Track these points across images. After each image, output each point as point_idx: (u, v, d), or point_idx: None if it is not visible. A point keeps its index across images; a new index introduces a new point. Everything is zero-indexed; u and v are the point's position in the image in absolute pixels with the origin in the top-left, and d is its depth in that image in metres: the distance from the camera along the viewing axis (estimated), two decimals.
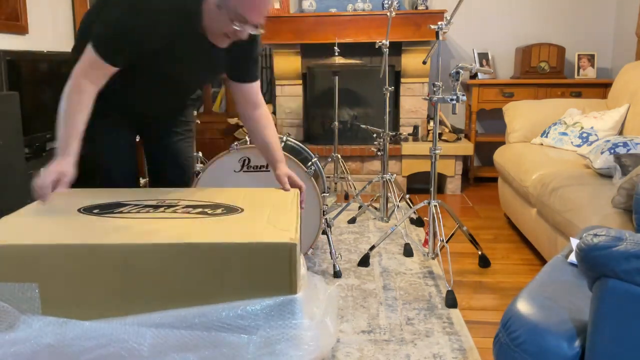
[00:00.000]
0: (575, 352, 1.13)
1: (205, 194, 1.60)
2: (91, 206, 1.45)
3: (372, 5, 4.17)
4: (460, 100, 2.26)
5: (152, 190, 1.68)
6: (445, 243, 2.49)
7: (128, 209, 1.42)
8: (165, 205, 1.47)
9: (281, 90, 4.26)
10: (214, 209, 1.44)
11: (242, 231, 1.30)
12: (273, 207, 1.48)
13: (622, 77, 3.30)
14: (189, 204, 1.49)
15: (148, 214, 1.40)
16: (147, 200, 1.51)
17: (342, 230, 3.24)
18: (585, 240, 1.07)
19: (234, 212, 1.43)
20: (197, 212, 1.42)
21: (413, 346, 1.92)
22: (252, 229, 1.31)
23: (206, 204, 1.49)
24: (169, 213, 1.41)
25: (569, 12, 4.38)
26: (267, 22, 4.44)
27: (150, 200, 1.52)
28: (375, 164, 4.14)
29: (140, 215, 1.39)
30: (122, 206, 1.46)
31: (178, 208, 1.45)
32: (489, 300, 2.32)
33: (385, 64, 3.21)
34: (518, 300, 1.32)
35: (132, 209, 1.43)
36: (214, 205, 1.48)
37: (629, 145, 2.46)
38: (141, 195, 1.59)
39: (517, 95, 4.15)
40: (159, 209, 1.44)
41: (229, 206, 1.48)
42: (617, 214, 1.98)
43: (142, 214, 1.39)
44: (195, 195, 1.59)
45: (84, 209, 1.42)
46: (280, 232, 1.27)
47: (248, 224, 1.34)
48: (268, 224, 1.34)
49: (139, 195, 1.58)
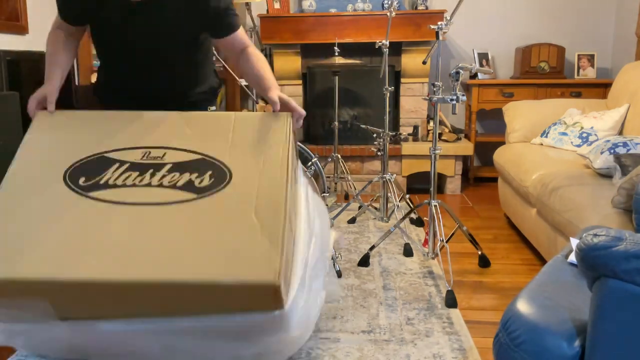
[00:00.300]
0: (575, 352, 1.13)
1: (194, 135, 1.48)
2: (77, 169, 1.40)
3: (372, 5, 4.17)
4: (460, 100, 2.27)
5: (137, 122, 1.54)
6: (445, 243, 2.49)
7: (114, 176, 1.37)
8: (151, 165, 1.40)
9: (281, 90, 4.25)
10: (201, 176, 1.37)
11: (225, 261, 1.24)
12: (264, 165, 1.40)
13: (622, 77, 3.30)
14: (175, 160, 1.41)
15: (134, 190, 1.35)
16: (133, 150, 1.43)
17: (342, 230, 3.23)
18: (585, 240, 1.07)
19: (221, 182, 1.35)
20: (183, 183, 1.35)
21: (413, 346, 1.92)
22: (237, 248, 1.26)
23: (193, 161, 1.40)
24: (155, 190, 1.35)
25: (569, 12, 4.38)
26: (267, 22, 4.43)
27: (136, 148, 1.44)
28: (375, 164, 4.14)
29: (125, 194, 1.34)
30: (107, 165, 1.40)
31: (164, 175, 1.37)
32: (488, 300, 2.32)
33: (385, 64, 3.21)
34: (518, 300, 1.32)
35: (118, 175, 1.38)
36: (201, 163, 1.39)
37: (629, 145, 2.46)
38: (126, 133, 1.48)
39: (517, 95, 4.15)
40: (144, 174, 1.37)
41: (218, 168, 1.38)
42: (617, 214, 1.98)
43: (127, 191, 1.35)
44: (183, 137, 1.47)
45: (70, 178, 1.38)
46: (266, 262, 1.22)
47: (233, 231, 1.29)
48: (257, 221, 1.29)
49: (124, 135, 1.48)
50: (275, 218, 1.29)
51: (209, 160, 1.39)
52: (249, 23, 3.55)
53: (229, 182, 1.35)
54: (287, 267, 1.28)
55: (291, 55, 4.18)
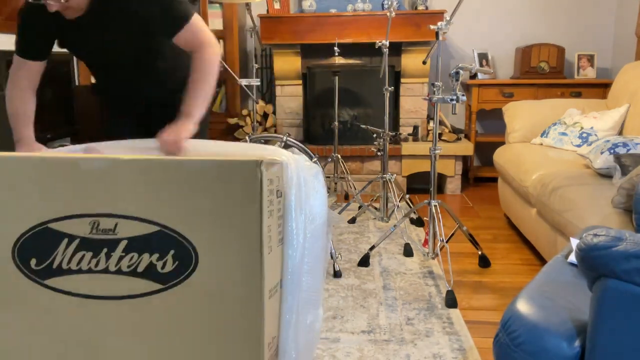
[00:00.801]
0: (575, 352, 1.13)
1: (147, 193, 1.14)
2: (25, 247, 1.18)
3: (372, 6, 4.17)
4: (460, 100, 2.27)
5: (79, 177, 1.16)
6: (445, 243, 2.49)
7: (66, 257, 1.16)
8: (104, 242, 1.15)
9: (281, 90, 4.27)
10: (163, 257, 1.13)
11: None
12: (234, 239, 1.13)
13: (622, 77, 3.30)
14: (130, 234, 1.14)
15: (91, 278, 1.16)
16: (79, 219, 1.16)
17: (342, 230, 3.24)
18: (585, 240, 1.07)
19: (187, 267, 1.13)
20: (144, 269, 1.13)
21: (413, 346, 1.92)
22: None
23: (152, 234, 1.13)
24: (113, 278, 1.15)
25: (569, 12, 4.38)
26: (267, 22, 4.43)
27: (82, 216, 1.16)
28: (375, 164, 4.14)
29: (83, 284, 1.16)
30: (55, 240, 1.16)
31: (121, 255, 1.14)
32: (489, 300, 2.32)
33: (385, 64, 3.21)
34: (518, 300, 1.32)
35: (70, 255, 1.16)
36: (161, 238, 1.13)
37: (629, 145, 2.46)
38: (69, 192, 1.16)
39: (517, 95, 4.15)
40: (98, 254, 1.15)
41: (181, 245, 1.13)
42: (617, 214, 1.98)
43: (84, 279, 1.15)
44: (135, 197, 1.14)
45: (20, 258, 1.18)
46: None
47: (203, 337, 1.13)
48: (232, 324, 1.12)
49: (67, 195, 1.16)
50: (253, 320, 1.11)
51: (169, 233, 1.13)
52: (249, 23, 3.55)
53: (195, 267, 1.13)
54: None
55: (291, 56, 4.18)
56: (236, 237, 1.10)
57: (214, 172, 1.10)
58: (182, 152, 1.50)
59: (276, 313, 1.19)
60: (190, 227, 1.12)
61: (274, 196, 1.14)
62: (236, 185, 1.09)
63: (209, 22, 4.15)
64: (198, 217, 1.11)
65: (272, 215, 1.14)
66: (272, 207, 1.13)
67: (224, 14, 4.22)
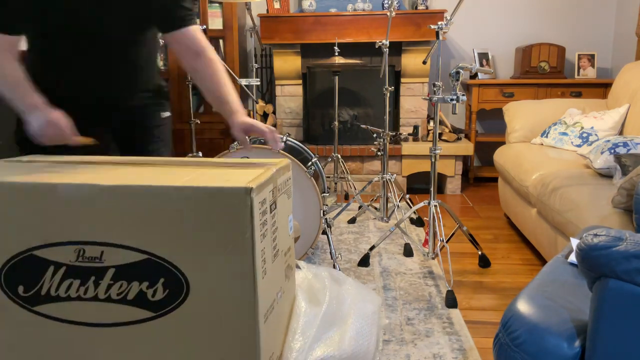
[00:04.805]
0: (575, 352, 1.13)
1: (132, 219, 1.09)
2: (11, 274, 1.15)
3: (372, 5, 4.17)
4: (460, 100, 2.26)
5: (60, 203, 1.11)
6: (445, 243, 2.49)
7: (54, 285, 1.13)
8: (91, 270, 1.10)
9: (281, 90, 4.26)
10: (153, 286, 1.09)
11: None
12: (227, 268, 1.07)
13: (622, 77, 3.30)
14: (117, 262, 1.10)
15: (81, 305, 1.12)
16: (64, 246, 1.11)
17: (342, 230, 3.23)
18: (585, 240, 1.07)
19: (178, 296, 1.09)
20: (134, 297, 1.10)
21: (413, 346, 1.92)
22: None
23: (139, 263, 1.09)
24: (104, 306, 1.12)
25: (569, 12, 4.39)
26: (267, 22, 4.42)
27: (66, 244, 1.12)
28: (375, 164, 4.14)
29: (73, 311, 1.12)
30: (41, 268, 1.12)
31: (110, 284, 1.10)
32: (489, 300, 2.32)
33: (385, 64, 3.21)
34: (518, 300, 1.32)
35: (58, 283, 1.13)
36: (150, 267, 1.09)
37: (629, 145, 2.46)
38: (50, 217, 1.12)
39: (517, 95, 4.15)
40: (87, 282, 1.11)
41: (171, 274, 1.09)
42: (617, 214, 1.98)
43: (74, 307, 1.12)
44: (121, 225, 1.09)
45: (7, 285, 1.15)
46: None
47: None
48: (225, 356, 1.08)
49: (49, 221, 1.12)
50: (247, 347, 1.08)
51: (157, 261, 1.10)
52: (249, 23, 3.55)
53: (186, 296, 1.10)
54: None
55: (291, 55, 4.18)
56: (228, 265, 1.06)
57: (202, 200, 1.05)
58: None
59: (276, 328, 1.17)
60: (180, 255, 1.08)
61: (267, 215, 1.11)
62: (225, 213, 1.04)
63: (208, 21, 4.15)
64: (187, 245, 1.07)
65: (266, 236, 1.11)
66: (265, 228, 1.10)
67: (224, 14, 4.21)
